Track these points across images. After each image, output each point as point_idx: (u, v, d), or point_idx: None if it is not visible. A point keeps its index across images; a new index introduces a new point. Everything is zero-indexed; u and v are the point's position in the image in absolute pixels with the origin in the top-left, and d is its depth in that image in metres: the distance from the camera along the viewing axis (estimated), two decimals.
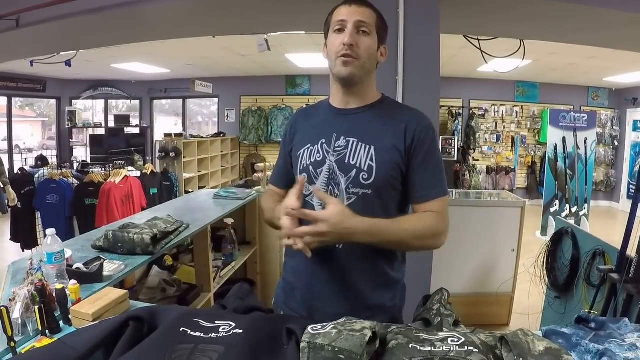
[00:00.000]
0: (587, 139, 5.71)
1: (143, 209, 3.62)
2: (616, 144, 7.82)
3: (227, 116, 8.27)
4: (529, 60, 4.94)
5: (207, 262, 2.15)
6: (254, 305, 0.92)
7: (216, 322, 0.80)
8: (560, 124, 5.64)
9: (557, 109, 6.22)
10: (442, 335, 0.73)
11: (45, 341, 0.93)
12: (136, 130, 8.55)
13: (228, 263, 2.48)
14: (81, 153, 8.83)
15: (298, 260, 1.12)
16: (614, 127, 7.78)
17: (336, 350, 0.66)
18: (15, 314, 0.96)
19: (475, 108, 7.79)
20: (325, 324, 0.74)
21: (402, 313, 1.16)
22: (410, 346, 0.70)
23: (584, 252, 2.31)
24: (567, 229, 2.51)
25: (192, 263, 2.32)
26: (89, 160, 6.70)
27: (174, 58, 6.08)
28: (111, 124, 8.62)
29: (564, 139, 5.59)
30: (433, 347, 0.69)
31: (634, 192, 2.60)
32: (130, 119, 8.59)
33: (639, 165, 7.11)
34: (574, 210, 5.63)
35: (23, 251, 4.01)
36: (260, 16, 2.84)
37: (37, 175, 3.89)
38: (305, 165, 1.10)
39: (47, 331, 0.97)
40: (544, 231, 5.58)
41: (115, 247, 1.54)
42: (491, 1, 2.38)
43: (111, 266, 1.39)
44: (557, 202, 5.60)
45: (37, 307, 0.96)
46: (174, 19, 2.87)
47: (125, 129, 8.47)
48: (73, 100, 8.55)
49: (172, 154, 6.10)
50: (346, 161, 1.05)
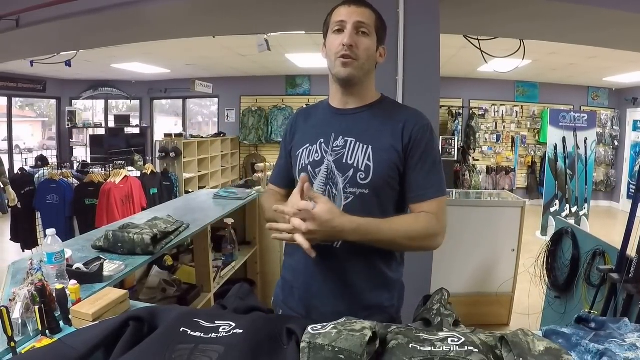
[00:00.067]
0: (587, 139, 5.71)
1: (143, 209, 3.62)
2: (616, 143, 7.82)
3: (227, 116, 8.27)
4: (529, 60, 4.94)
5: (207, 262, 2.15)
6: (254, 305, 0.92)
7: (216, 322, 0.80)
8: (560, 124, 5.64)
9: (557, 109, 6.21)
10: (442, 335, 0.73)
11: (46, 341, 0.93)
12: (136, 131, 8.55)
13: (228, 263, 2.48)
14: (81, 153, 8.83)
15: (297, 260, 1.13)
16: (614, 127, 7.78)
17: (336, 350, 0.66)
18: (16, 314, 0.96)
19: (475, 108, 7.79)
20: (325, 324, 0.74)
21: (401, 313, 1.15)
22: (410, 346, 0.70)
23: (584, 252, 2.31)
24: (567, 229, 2.51)
25: (192, 263, 2.32)
26: (89, 161, 6.70)
27: (174, 58, 6.08)
28: (111, 124, 8.62)
29: (564, 139, 5.59)
30: (433, 347, 0.69)
31: (634, 192, 2.60)
32: (130, 119, 8.59)
33: (639, 165, 7.11)
34: (574, 210, 5.63)
35: (23, 251, 4.01)
36: (260, 16, 2.84)
37: (37, 176, 3.89)
38: (303, 165, 1.11)
39: (47, 331, 0.97)
40: (544, 231, 5.57)
41: (116, 247, 1.54)
42: (491, 1, 2.38)
43: (111, 266, 1.39)
44: (557, 202, 5.60)
45: (37, 307, 0.96)
46: (174, 19, 2.87)
47: (125, 129, 8.47)
48: (73, 101, 8.55)
49: (172, 154, 6.10)
50: (344, 161, 1.05)
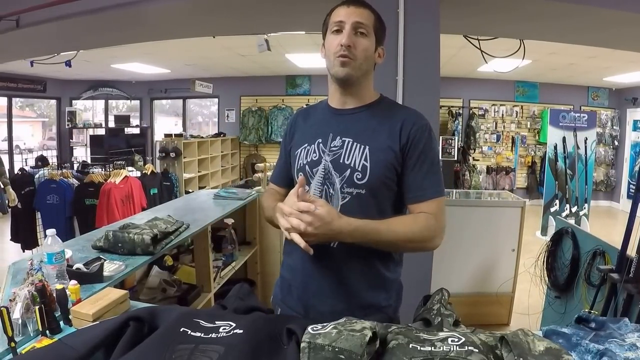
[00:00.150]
0: (587, 139, 5.71)
1: (143, 209, 3.62)
2: (616, 143, 7.82)
3: (227, 116, 8.27)
4: (529, 60, 4.94)
5: (207, 262, 2.15)
6: (254, 306, 0.92)
7: (216, 323, 0.80)
8: (560, 124, 5.64)
9: (557, 109, 6.21)
10: (442, 335, 0.73)
11: (46, 341, 0.93)
12: (136, 131, 8.55)
13: (228, 263, 2.48)
14: (81, 153, 8.83)
15: (295, 259, 1.13)
16: (614, 127, 7.78)
17: (336, 350, 0.66)
18: (16, 315, 0.96)
19: (475, 108, 7.79)
20: (325, 324, 0.74)
21: (399, 313, 1.15)
22: (410, 346, 0.70)
23: (584, 252, 2.31)
24: (567, 229, 2.51)
25: (193, 263, 2.32)
26: (89, 161, 6.70)
27: (174, 58, 6.08)
28: (111, 124, 8.62)
29: (564, 139, 5.59)
30: (433, 347, 0.69)
31: (634, 191, 2.59)
32: (131, 119, 8.59)
33: (639, 165, 7.11)
34: (574, 210, 5.63)
35: (23, 251, 4.01)
36: (260, 16, 2.84)
37: (37, 176, 3.89)
38: (301, 165, 1.11)
39: (47, 331, 0.97)
40: (544, 231, 5.57)
41: (116, 248, 1.54)
42: (491, 1, 2.37)
43: (111, 266, 1.39)
44: (557, 202, 5.60)
45: (37, 307, 0.96)
46: (174, 19, 2.87)
47: (125, 129, 8.47)
48: (73, 101, 8.55)
49: (172, 154, 6.10)
50: (341, 161, 1.05)
